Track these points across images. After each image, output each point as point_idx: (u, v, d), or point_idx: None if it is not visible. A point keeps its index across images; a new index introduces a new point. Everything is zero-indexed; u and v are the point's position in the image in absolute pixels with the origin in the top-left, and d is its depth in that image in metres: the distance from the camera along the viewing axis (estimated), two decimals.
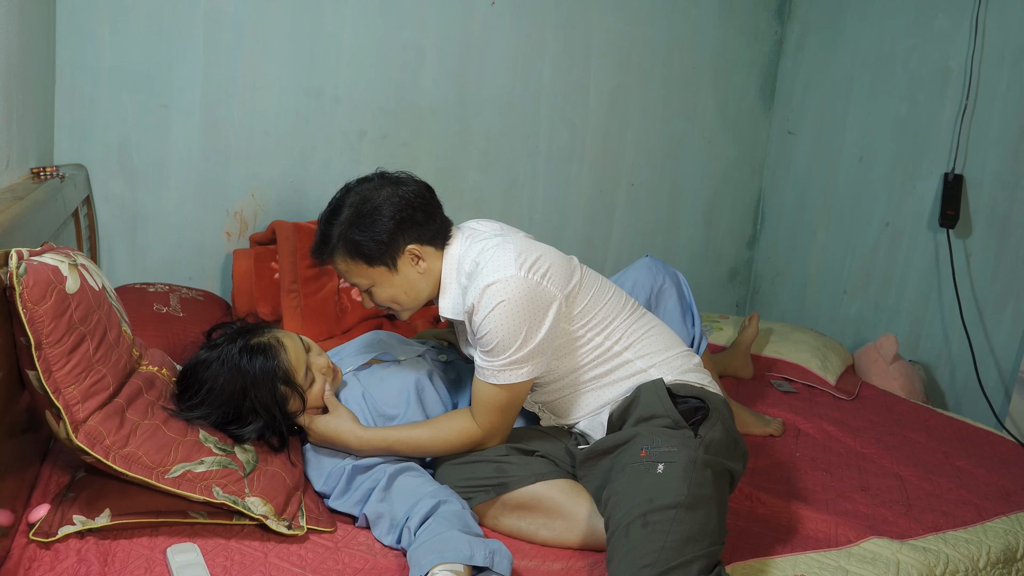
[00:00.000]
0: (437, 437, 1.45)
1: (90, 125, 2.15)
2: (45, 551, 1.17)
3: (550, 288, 1.38)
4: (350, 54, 2.41)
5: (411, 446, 1.45)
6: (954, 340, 2.50)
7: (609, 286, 1.53)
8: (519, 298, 1.35)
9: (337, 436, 1.43)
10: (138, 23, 2.15)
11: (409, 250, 1.46)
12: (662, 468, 1.26)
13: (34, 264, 1.13)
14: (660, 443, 1.30)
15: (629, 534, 1.19)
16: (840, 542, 1.47)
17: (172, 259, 2.32)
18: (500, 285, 1.35)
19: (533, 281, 1.37)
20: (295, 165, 2.41)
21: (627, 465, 1.30)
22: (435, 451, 1.47)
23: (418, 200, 1.47)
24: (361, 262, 1.45)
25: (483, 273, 1.38)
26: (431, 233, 1.48)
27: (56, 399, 1.15)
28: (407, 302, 1.51)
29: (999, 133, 2.38)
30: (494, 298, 1.35)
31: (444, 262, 1.50)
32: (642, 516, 1.20)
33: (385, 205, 1.44)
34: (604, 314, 1.47)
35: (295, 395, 1.42)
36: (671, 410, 1.35)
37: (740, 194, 3.23)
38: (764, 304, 3.26)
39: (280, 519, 1.30)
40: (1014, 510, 1.66)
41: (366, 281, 1.48)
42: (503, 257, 1.39)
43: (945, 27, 2.53)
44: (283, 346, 1.43)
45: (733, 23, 3.02)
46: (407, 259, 1.47)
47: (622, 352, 1.47)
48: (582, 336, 1.45)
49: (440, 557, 1.17)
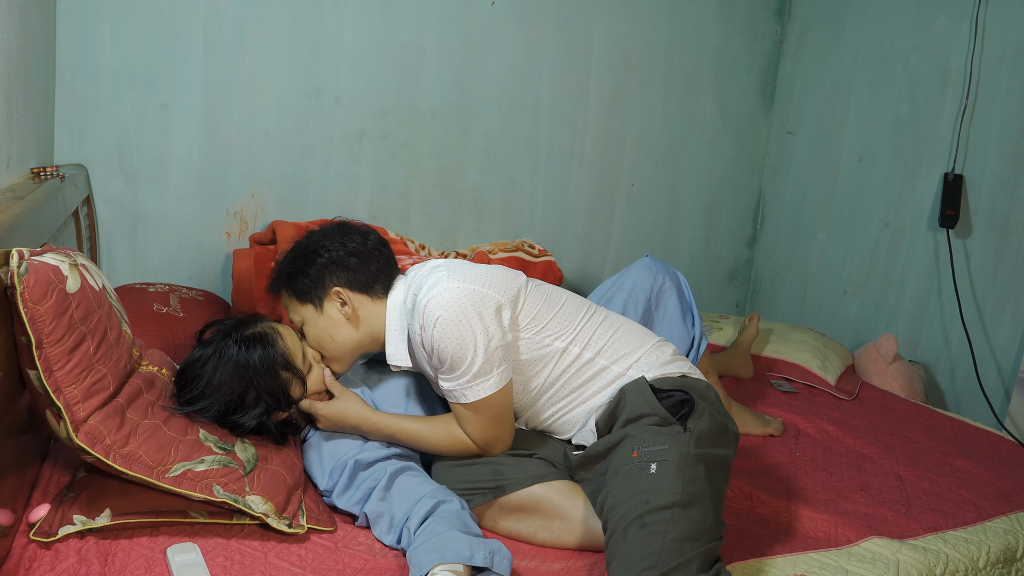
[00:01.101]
0: (441, 440, 1.45)
1: (90, 125, 2.15)
2: (45, 551, 1.17)
3: (488, 292, 1.39)
4: (350, 54, 2.41)
5: (412, 438, 1.46)
6: (954, 340, 2.50)
7: (562, 293, 1.53)
8: (457, 307, 1.35)
9: (347, 417, 1.45)
10: (138, 23, 2.15)
11: (335, 291, 1.48)
12: (655, 468, 1.26)
13: (35, 264, 1.13)
14: (651, 442, 1.29)
15: (627, 536, 1.19)
16: (840, 542, 1.47)
17: (172, 259, 2.32)
18: (436, 300, 1.36)
19: (469, 289, 1.37)
20: (295, 165, 2.41)
21: (620, 467, 1.29)
22: (437, 452, 1.48)
23: (357, 248, 1.50)
24: (294, 297, 1.51)
25: (419, 297, 1.40)
26: (363, 280, 1.49)
27: (56, 398, 1.15)
28: (332, 348, 1.50)
29: (999, 133, 2.38)
30: (433, 314, 1.36)
31: (388, 311, 1.51)
32: (639, 518, 1.20)
33: (323, 247, 1.50)
34: (562, 320, 1.47)
35: (296, 380, 1.43)
36: (657, 407, 1.34)
37: (740, 194, 3.23)
38: (764, 304, 3.26)
39: (281, 518, 1.30)
40: (1014, 510, 1.66)
41: (298, 318, 1.52)
42: (436, 275, 1.42)
43: (945, 27, 2.54)
44: (279, 333, 1.44)
45: (733, 23, 3.03)
46: (333, 301, 1.49)
47: (594, 358, 1.46)
48: (547, 345, 1.44)
49: (440, 557, 1.17)
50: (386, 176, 2.54)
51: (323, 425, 1.47)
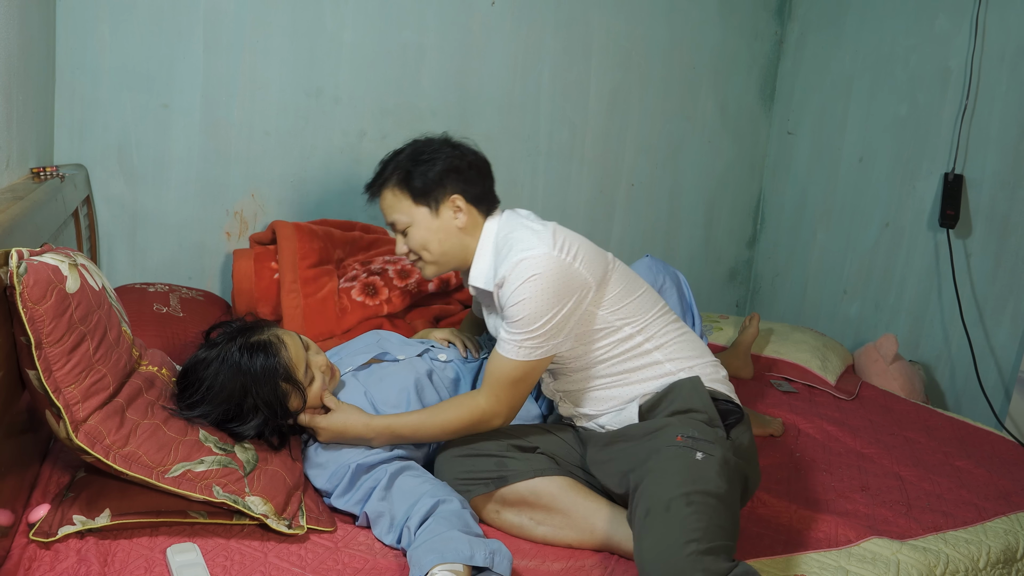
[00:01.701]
0: (439, 416, 1.45)
1: (90, 125, 2.15)
2: (45, 551, 1.17)
3: (581, 271, 1.40)
4: (350, 54, 2.41)
5: (414, 428, 1.45)
6: (954, 340, 2.50)
7: (640, 282, 1.54)
8: (550, 275, 1.37)
9: (348, 428, 1.44)
10: (138, 23, 2.15)
11: (453, 199, 1.50)
12: (701, 457, 1.29)
13: (34, 264, 1.13)
14: (697, 434, 1.32)
15: (670, 509, 1.21)
16: (840, 542, 1.47)
17: (172, 259, 2.32)
18: (533, 260, 1.37)
19: (565, 261, 1.39)
20: (295, 165, 2.41)
21: (663, 448, 1.32)
22: (438, 430, 1.46)
23: (475, 161, 1.54)
24: (407, 196, 1.51)
25: (517, 248, 1.41)
26: (477, 194, 1.53)
27: (56, 398, 1.15)
28: (436, 252, 1.53)
29: (999, 133, 2.38)
30: (526, 271, 1.37)
31: (483, 232, 1.53)
32: (685, 495, 1.22)
33: (443, 152, 1.52)
34: (635, 307, 1.48)
35: (296, 392, 1.42)
36: (709, 406, 1.38)
37: (740, 194, 3.23)
38: (764, 304, 3.26)
39: (280, 518, 1.30)
40: (1014, 510, 1.66)
41: (405, 219, 1.52)
42: (538, 236, 1.42)
43: (945, 27, 2.53)
44: (283, 343, 1.43)
45: (733, 23, 3.02)
46: (449, 207, 1.50)
47: (652, 351, 1.47)
48: (612, 324, 1.45)
49: (440, 557, 1.17)
50: None
51: (324, 438, 1.46)
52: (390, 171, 1.53)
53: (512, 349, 1.40)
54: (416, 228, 1.52)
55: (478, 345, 1.81)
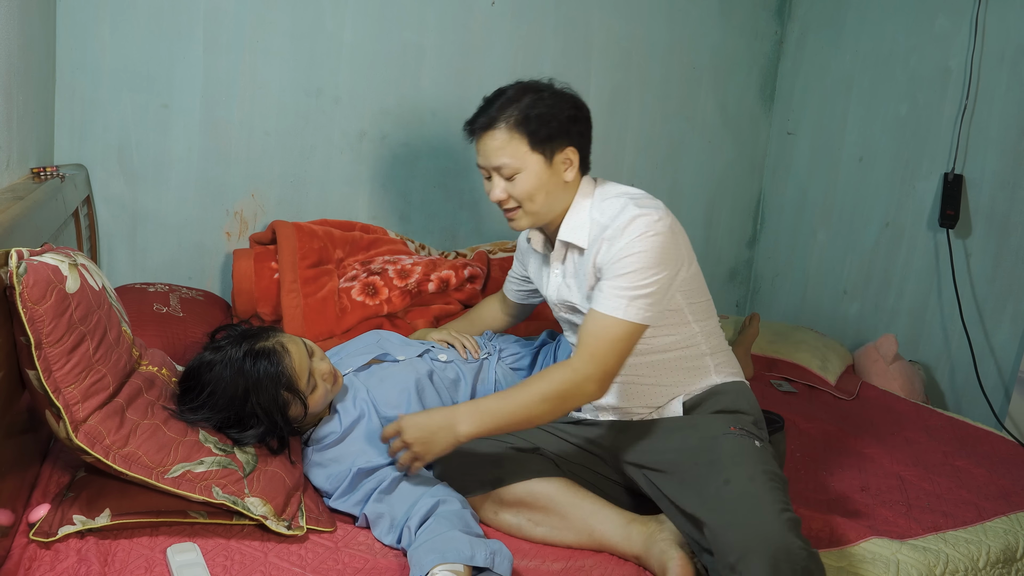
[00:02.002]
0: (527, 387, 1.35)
1: (90, 125, 2.15)
2: (45, 551, 1.17)
3: (681, 244, 1.42)
4: (350, 54, 2.41)
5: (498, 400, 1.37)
6: (954, 340, 2.50)
7: (706, 287, 1.54)
8: (664, 236, 1.36)
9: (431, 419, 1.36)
10: (138, 23, 2.15)
11: (571, 150, 1.45)
12: (759, 444, 1.33)
13: (34, 264, 1.13)
14: (747, 428, 1.36)
15: (756, 481, 1.24)
16: (840, 542, 1.47)
17: (172, 259, 2.32)
18: (651, 219, 1.37)
19: (675, 229, 1.40)
20: (295, 165, 2.41)
21: (719, 436, 1.34)
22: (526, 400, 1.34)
23: (589, 115, 1.50)
24: (524, 140, 1.42)
25: (633, 204, 1.39)
26: (586, 151, 1.49)
27: (56, 399, 1.15)
28: (539, 203, 1.45)
29: (999, 133, 2.38)
30: (644, 227, 1.36)
31: (580, 189, 1.49)
32: (765, 472, 1.26)
33: (565, 100, 1.45)
34: (704, 308, 1.50)
35: (297, 401, 1.42)
36: (757, 410, 1.43)
37: (740, 194, 3.23)
38: (764, 304, 3.26)
39: (280, 519, 1.30)
40: (1014, 510, 1.66)
41: (517, 163, 1.43)
42: (651, 200, 1.43)
43: (945, 27, 2.53)
44: (287, 351, 1.42)
45: (733, 23, 3.02)
46: (562, 160, 1.45)
47: (705, 355, 1.49)
48: (685, 317, 1.46)
49: (441, 557, 1.17)
50: (386, 176, 2.54)
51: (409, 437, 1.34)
52: (508, 111, 1.43)
53: (620, 306, 1.33)
54: (526, 175, 1.43)
55: (477, 345, 1.81)
